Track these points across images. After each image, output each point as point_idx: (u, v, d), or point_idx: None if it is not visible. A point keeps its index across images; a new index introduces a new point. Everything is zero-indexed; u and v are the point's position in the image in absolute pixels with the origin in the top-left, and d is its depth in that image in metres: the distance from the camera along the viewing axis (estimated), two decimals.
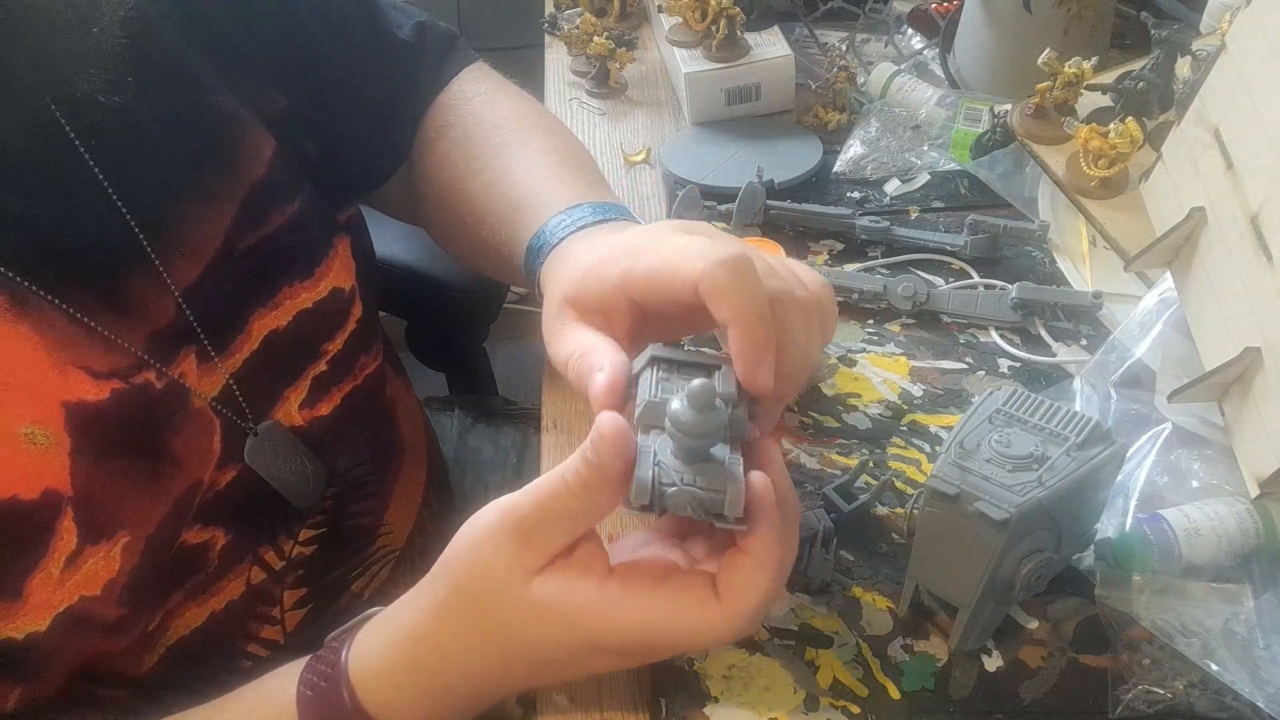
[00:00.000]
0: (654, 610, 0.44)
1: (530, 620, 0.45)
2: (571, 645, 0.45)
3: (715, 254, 0.45)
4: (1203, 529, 0.55)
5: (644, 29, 1.09)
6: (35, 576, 0.49)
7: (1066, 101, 0.82)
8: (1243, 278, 0.58)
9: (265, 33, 0.64)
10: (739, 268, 0.45)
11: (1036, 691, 0.53)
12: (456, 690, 0.48)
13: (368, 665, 0.48)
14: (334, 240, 0.66)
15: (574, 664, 0.47)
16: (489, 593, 0.45)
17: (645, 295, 0.48)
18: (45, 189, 0.52)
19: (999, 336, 0.72)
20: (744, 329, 0.45)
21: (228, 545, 0.61)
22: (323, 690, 0.48)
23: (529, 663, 0.47)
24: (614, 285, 0.49)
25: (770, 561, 0.43)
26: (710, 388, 0.42)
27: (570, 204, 0.62)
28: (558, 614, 0.44)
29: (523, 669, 0.47)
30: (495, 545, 0.45)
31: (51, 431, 0.49)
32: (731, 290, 0.45)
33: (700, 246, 0.47)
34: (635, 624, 0.44)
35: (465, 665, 0.47)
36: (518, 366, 1.59)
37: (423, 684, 0.48)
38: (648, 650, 0.46)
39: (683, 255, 0.47)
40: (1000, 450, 0.51)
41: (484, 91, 0.76)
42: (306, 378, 0.65)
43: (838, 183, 0.87)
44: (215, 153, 0.59)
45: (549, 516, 0.44)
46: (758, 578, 0.43)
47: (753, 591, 0.43)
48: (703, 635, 0.44)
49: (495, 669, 0.47)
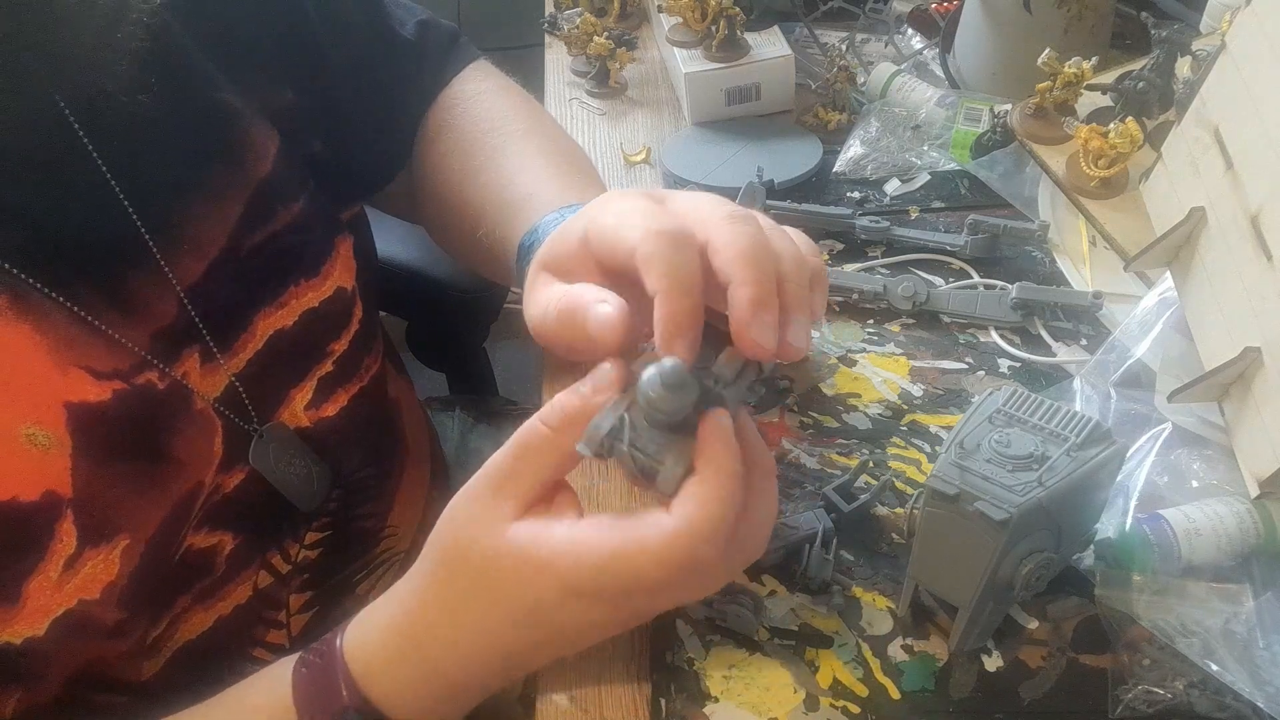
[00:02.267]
0: (618, 540, 0.43)
1: (508, 568, 0.44)
2: (550, 592, 0.44)
3: (655, 223, 0.44)
4: (1203, 529, 0.55)
5: (644, 29, 1.09)
6: (34, 580, 0.48)
7: (1066, 101, 0.82)
8: (1243, 278, 0.58)
9: (270, 30, 0.64)
10: (675, 241, 0.44)
11: (1036, 691, 0.53)
12: (447, 660, 0.48)
13: (361, 642, 0.49)
14: (337, 239, 0.66)
15: (560, 620, 0.45)
16: (468, 546, 0.45)
17: (601, 255, 0.47)
18: (50, 185, 0.52)
19: (999, 336, 0.72)
20: (665, 300, 0.43)
21: (235, 550, 0.61)
22: (317, 666, 0.49)
23: (516, 624, 0.46)
24: (579, 241, 0.48)
25: (723, 482, 0.42)
26: (681, 369, 0.42)
27: (564, 204, 0.62)
28: (532, 556, 0.44)
29: (510, 632, 0.46)
30: (472, 498, 0.45)
31: (53, 432, 0.49)
32: (660, 260, 0.43)
33: (644, 214, 0.45)
34: (604, 556, 0.43)
35: (453, 632, 0.47)
36: (518, 366, 1.60)
37: (412, 655, 0.48)
38: (623, 591, 0.44)
39: (629, 218, 0.45)
40: (1000, 450, 0.51)
41: (484, 91, 0.76)
42: (313, 378, 0.65)
43: (838, 183, 0.87)
44: (222, 150, 0.59)
45: (521, 460, 0.45)
46: (707, 495, 0.42)
47: (705, 510, 0.42)
48: (667, 564, 0.42)
49: (484, 634, 0.46)
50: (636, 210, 0.46)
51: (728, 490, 0.42)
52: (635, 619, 0.48)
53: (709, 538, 0.42)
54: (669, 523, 0.42)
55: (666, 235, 0.44)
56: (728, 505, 0.42)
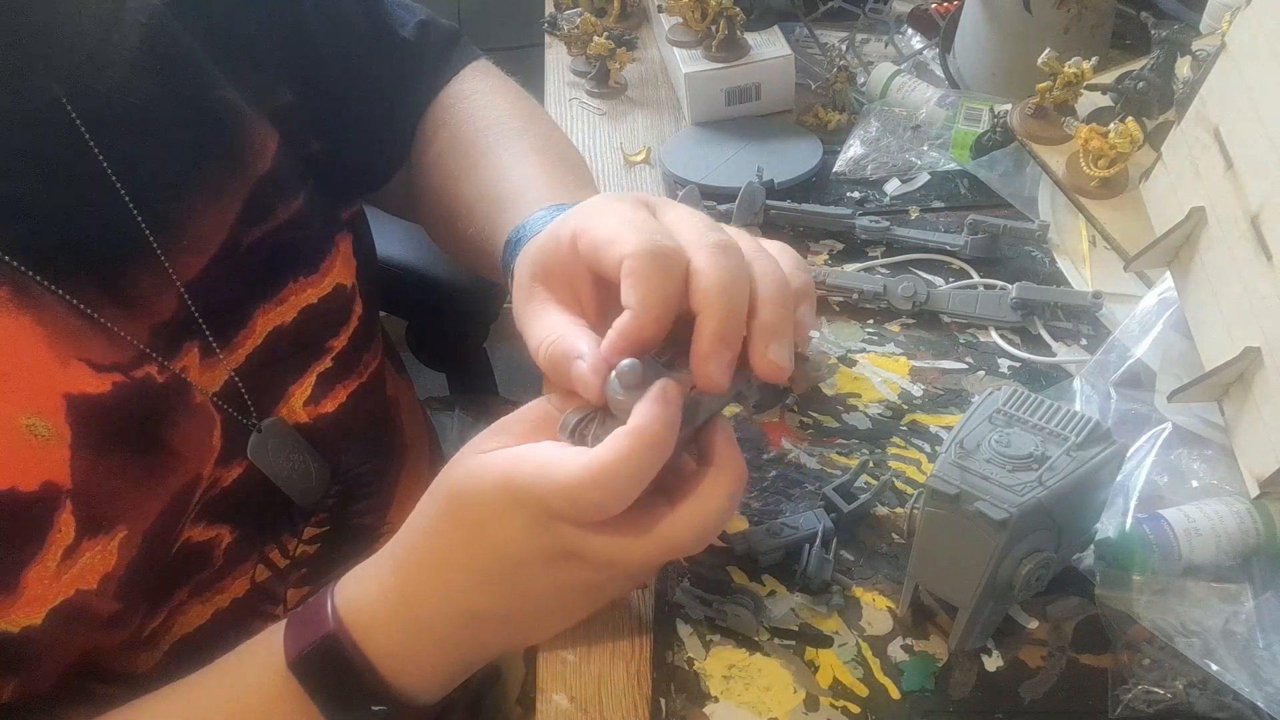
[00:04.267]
0: (551, 458, 0.44)
1: (472, 482, 0.46)
2: (499, 504, 0.45)
3: (645, 241, 0.45)
4: (1203, 529, 0.55)
5: (644, 29, 1.09)
6: (32, 569, 0.49)
7: (1066, 101, 0.82)
8: (1243, 278, 0.58)
9: (270, 29, 0.64)
10: (661, 263, 0.45)
11: (1036, 691, 0.53)
12: (436, 613, 0.48)
13: (351, 589, 0.50)
14: (336, 237, 0.66)
15: (509, 541, 0.46)
16: (446, 476, 0.48)
17: (589, 263, 0.48)
18: (52, 180, 0.52)
19: (999, 336, 0.72)
20: (631, 320, 0.45)
21: (233, 543, 0.61)
22: (309, 606, 0.50)
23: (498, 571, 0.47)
24: (569, 245, 0.49)
25: (637, 438, 0.43)
26: (636, 370, 0.45)
27: (554, 203, 0.62)
28: (491, 470, 0.46)
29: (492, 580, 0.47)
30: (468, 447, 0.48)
31: (52, 423, 0.49)
32: (642, 282, 0.45)
33: (635, 227, 0.46)
34: (536, 469, 0.44)
35: (437, 576, 0.48)
36: (518, 366, 1.59)
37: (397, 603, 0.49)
38: (545, 511, 0.44)
39: (620, 229, 0.46)
40: (1000, 450, 0.51)
41: (481, 90, 0.76)
42: (311, 374, 0.65)
43: (838, 183, 0.87)
44: (221, 148, 0.59)
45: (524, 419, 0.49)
46: (624, 442, 0.43)
47: (611, 454, 0.43)
48: (570, 494, 0.43)
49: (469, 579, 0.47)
50: (627, 223, 0.47)
51: (641, 445, 0.43)
52: (571, 573, 0.47)
53: (610, 481, 0.43)
54: (583, 458, 0.43)
55: (656, 256, 0.45)
56: (637, 458, 0.43)
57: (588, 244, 0.48)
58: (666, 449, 0.44)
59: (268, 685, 0.50)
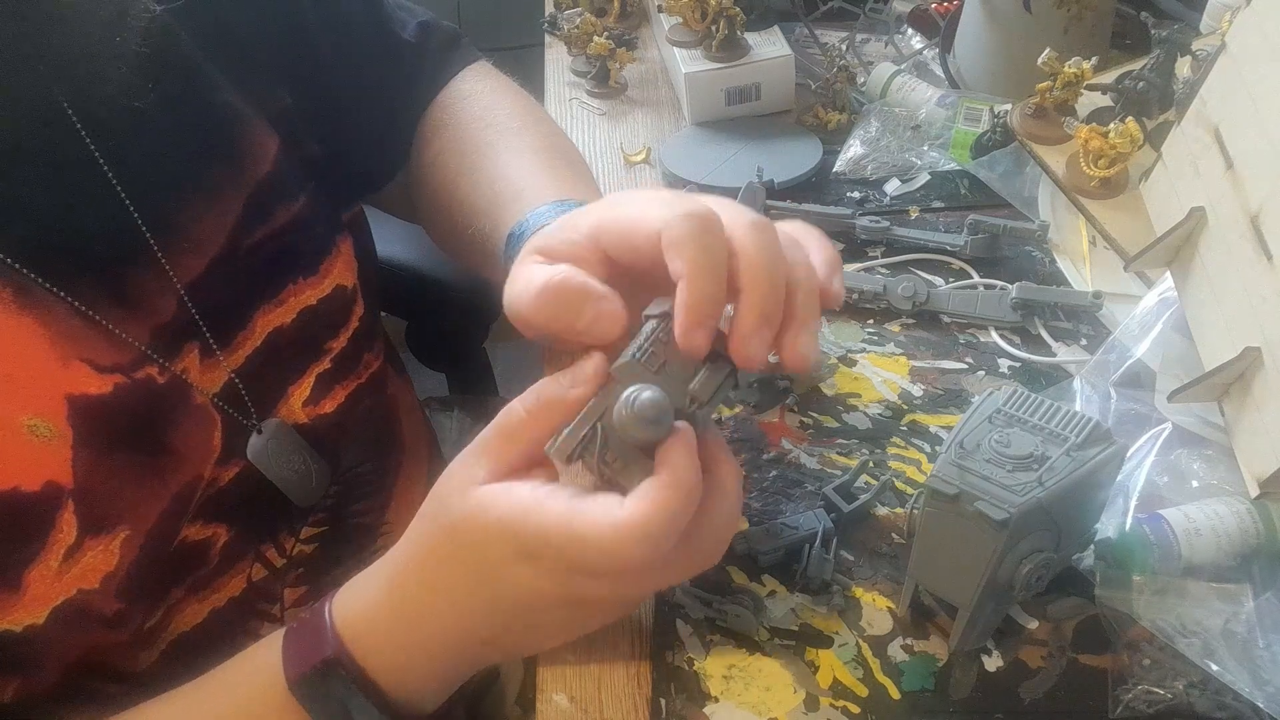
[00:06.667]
0: (570, 512, 0.43)
1: (474, 525, 0.45)
2: (503, 546, 0.45)
3: (684, 207, 0.45)
4: (1203, 529, 0.55)
5: (644, 29, 1.09)
6: (34, 569, 0.49)
7: (1066, 101, 0.82)
8: (1243, 278, 0.58)
9: (270, 31, 0.64)
10: (703, 223, 0.44)
11: (1036, 691, 0.53)
12: (434, 637, 0.48)
13: (348, 606, 0.50)
14: (337, 239, 0.66)
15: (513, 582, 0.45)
16: (441, 508, 0.47)
17: (616, 247, 0.47)
18: (53, 183, 0.52)
19: (999, 336, 0.72)
20: (691, 283, 0.43)
21: (229, 542, 0.61)
22: (308, 624, 0.50)
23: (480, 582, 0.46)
24: (586, 234, 0.48)
25: (677, 490, 0.42)
26: (660, 404, 0.43)
27: (554, 199, 0.62)
28: (490, 510, 0.45)
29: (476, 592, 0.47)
30: (451, 470, 0.47)
31: (54, 424, 0.50)
32: (689, 240, 0.43)
33: (668, 202, 0.46)
34: (553, 521, 0.43)
35: (430, 595, 0.48)
36: (518, 366, 1.59)
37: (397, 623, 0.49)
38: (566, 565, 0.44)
39: (652, 206, 0.46)
40: (1000, 450, 0.51)
41: (481, 90, 0.76)
42: (310, 375, 0.65)
43: (838, 183, 0.87)
44: (222, 150, 0.59)
45: (498, 438, 0.47)
46: (659, 498, 0.42)
47: (654, 511, 0.42)
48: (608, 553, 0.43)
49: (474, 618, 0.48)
50: (655, 200, 0.46)
51: (680, 499, 0.43)
52: (584, 609, 0.48)
53: (651, 539, 0.42)
54: (619, 514, 0.42)
55: (697, 218, 0.44)
56: (676, 514, 0.43)
57: (613, 223, 0.47)
58: (699, 494, 0.44)
59: (270, 702, 0.50)
